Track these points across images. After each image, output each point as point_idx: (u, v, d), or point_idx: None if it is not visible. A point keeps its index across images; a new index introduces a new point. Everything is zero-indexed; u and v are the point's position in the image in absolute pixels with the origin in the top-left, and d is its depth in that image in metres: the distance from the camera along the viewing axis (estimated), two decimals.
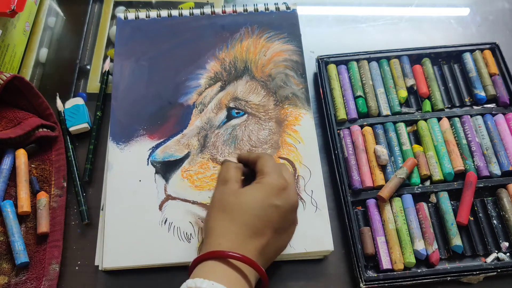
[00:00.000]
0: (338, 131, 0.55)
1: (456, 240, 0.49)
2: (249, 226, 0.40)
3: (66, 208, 0.52)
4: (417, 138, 0.56)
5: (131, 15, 0.61)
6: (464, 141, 0.54)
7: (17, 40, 0.59)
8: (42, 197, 0.50)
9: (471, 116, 0.56)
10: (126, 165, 0.52)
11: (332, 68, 0.59)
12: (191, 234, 0.48)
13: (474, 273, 0.48)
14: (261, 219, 0.40)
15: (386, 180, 0.52)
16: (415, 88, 0.58)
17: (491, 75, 0.59)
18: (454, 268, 0.48)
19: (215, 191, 0.43)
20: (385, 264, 0.48)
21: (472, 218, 0.51)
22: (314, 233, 0.48)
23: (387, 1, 0.69)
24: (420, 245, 0.48)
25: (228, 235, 0.39)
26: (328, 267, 0.50)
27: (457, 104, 0.58)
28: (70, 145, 0.55)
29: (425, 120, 0.56)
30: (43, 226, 0.49)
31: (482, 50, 0.61)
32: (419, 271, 0.48)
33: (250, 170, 0.46)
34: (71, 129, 0.55)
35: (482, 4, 0.68)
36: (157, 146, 0.53)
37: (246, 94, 0.56)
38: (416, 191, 0.52)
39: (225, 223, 0.40)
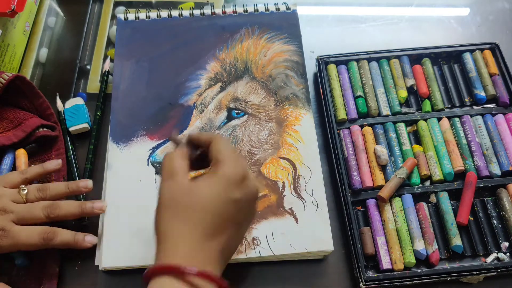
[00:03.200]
0: (338, 131, 0.55)
1: (456, 240, 0.49)
2: (207, 226, 0.35)
3: None
4: (417, 138, 0.56)
5: (131, 15, 0.61)
6: (464, 141, 0.54)
7: (17, 40, 0.59)
8: None
9: (471, 116, 0.56)
10: (126, 165, 0.52)
11: (332, 68, 0.59)
12: None
13: (474, 273, 0.48)
14: (220, 215, 0.36)
15: (386, 180, 0.52)
16: (415, 88, 0.58)
17: (491, 75, 0.59)
18: (454, 268, 0.48)
19: (162, 188, 0.37)
20: (385, 264, 0.48)
21: (472, 218, 0.51)
22: (314, 233, 0.48)
23: (387, 1, 0.69)
24: (420, 245, 0.48)
25: (184, 239, 0.35)
26: (328, 267, 0.50)
27: (457, 104, 0.58)
28: (70, 145, 0.55)
29: (425, 120, 0.56)
30: None
31: (482, 50, 0.61)
32: (419, 271, 0.48)
33: (202, 152, 0.41)
34: (71, 129, 0.55)
35: (482, 4, 0.68)
36: (157, 147, 0.53)
37: (246, 95, 0.56)
38: (416, 191, 0.52)
39: (179, 225, 0.35)
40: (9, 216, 0.44)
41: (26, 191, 0.46)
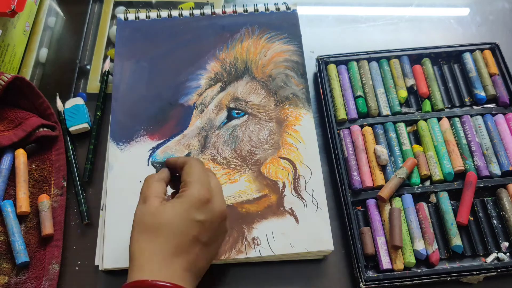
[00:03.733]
0: (338, 131, 0.55)
1: (456, 240, 0.49)
2: (171, 245, 0.38)
3: (66, 208, 0.52)
4: (417, 138, 0.56)
5: (131, 15, 0.61)
6: (464, 141, 0.54)
7: (17, 40, 0.59)
8: (44, 199, 0.50)
9: (471, 116, 0.56)
10: (127, 165, 0.52)
11: (332, 68, 0.59)
12: None
13: (474, 273, 0.48)
14: (184, 235, 0.38)
15: (386, 180, 0.52)
16: (415, 88, 0.58)
17: (491, 75, 0.59)
18: (454, 268, 0.48)
19: (136, 211, 0.41)
20: (385, 264, 0.48)
21: (472, 218, 0.51)
22: (314, 233, 0.48)
23: (387, 1, 0.69)
24: (420, 245, 0.48)
25: (150, 257, 0.37)
26: (328, 267, 0.50)
27: (457, 104, 0.58)
28: (70, 145, 0.55)
29: (425, 120, 0.56)
30: (48, 228, 0.49)
31: (482, 50, 0.61)
32: (419, 271, 0.48)
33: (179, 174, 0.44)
34: (71, 129, 0.55)
35: (482, 4, 0.68)
36: (157, 147, 0.53)
37: (246, 95, 0.56)
38: (416, 191, 0.52)
39: (146, 244, 0.38)
40: None
41: None
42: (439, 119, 0.56)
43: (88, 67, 0.61)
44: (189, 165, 0.42)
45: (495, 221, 0.51)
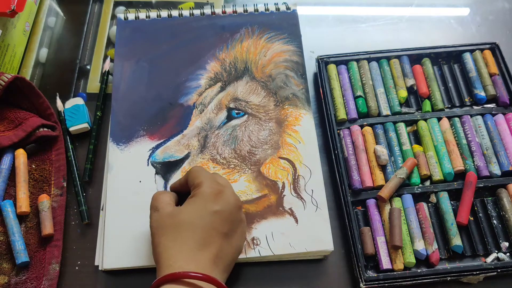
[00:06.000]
0: (338, 131, 0.55)
1: (456, 240, 0.49)
2: (194, 240, 0.39)
3: (66, 208, 0.52)
4: (417, 138, 0.56)
5: (131, 15, 0.61)
6: (464, 141, 0.54)
7: (17, 40, 0.59)
8: (44, 199, 0.50)
9: (471, 116, 0.56)
10: (126, 166, 0.52)
11: (332, 68, 0.59)
12: None
13: (474, 273, 0.48)
14: (204, 229, 0.40)
15: (386, 180, 0.52)
16: (415, 88, 0.58)
17: (491, 75, 0.59)
18: (454, 268, 0.48)
19: (150, 221, 0.42)
20: (385, 264, 0.48)
21: (472, 218, 0.51)
22: (314, 233, 0.48)
23: (387, 1, 0.69)
24: (420, 245, 0.48)
25: (176, 255, 0.39)
26: (328, 267, 0.50)
27: (457, 104, 0.58)
28: (70, 145, 0.55)
29: (425, 120, 0.56)
30: (48, 228, 0.49)
31: (482, 50, 0.61)
32: (419, 271, 0.48)
33: (187, 194, 0.45)
34: (71, 129, 0.55)
35: (482, 4, 0.68)
36: (157, 147, 0.53)
37: (246, 95, 0.56)
38: (416, 191, 0.52)
39: (170, 244, 0.39)
40: None
41: None
42: (439, 119, 0.56)
43: (88, 67, 0.61)
44: (192, 171, 0.44)
45: (495, 221, 0.51)
